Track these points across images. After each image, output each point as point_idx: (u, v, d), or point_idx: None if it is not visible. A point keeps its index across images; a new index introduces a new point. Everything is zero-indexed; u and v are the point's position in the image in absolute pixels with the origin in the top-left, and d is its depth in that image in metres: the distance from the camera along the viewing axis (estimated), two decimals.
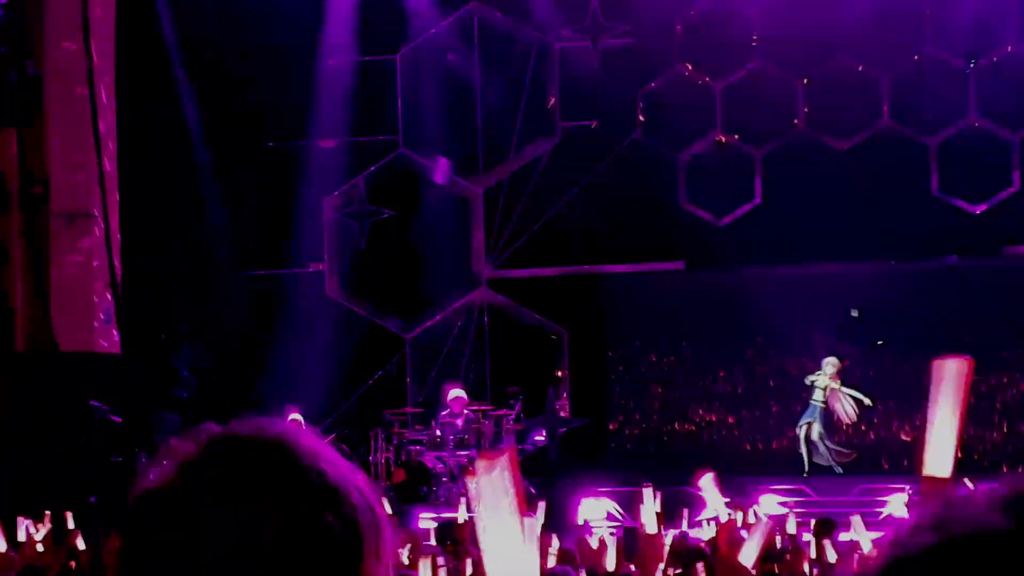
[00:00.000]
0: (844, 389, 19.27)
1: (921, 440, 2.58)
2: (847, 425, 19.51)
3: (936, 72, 19.70)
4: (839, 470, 19.17)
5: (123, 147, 18.89)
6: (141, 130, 19.43)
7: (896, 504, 16.72)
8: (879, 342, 19.77)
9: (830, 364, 19.22)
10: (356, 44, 20.79)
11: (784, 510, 15.27)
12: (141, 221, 19.35)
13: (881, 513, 16.52)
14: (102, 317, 18.09)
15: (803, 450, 19.33)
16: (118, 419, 16.41)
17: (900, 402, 19.67)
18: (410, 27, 20.86)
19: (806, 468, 19.21)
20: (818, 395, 19.26)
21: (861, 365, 19.65)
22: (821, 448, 19.26)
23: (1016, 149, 19.48)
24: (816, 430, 19.23)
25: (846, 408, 19.31)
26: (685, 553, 9.67)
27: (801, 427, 19.34)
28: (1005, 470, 19.22)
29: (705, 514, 14.04)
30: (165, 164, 20.24)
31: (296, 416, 18.56)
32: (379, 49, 20.81)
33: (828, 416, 19.31)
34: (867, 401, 19.26)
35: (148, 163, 19.67)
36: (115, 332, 18.13)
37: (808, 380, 19.34)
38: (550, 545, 9.78)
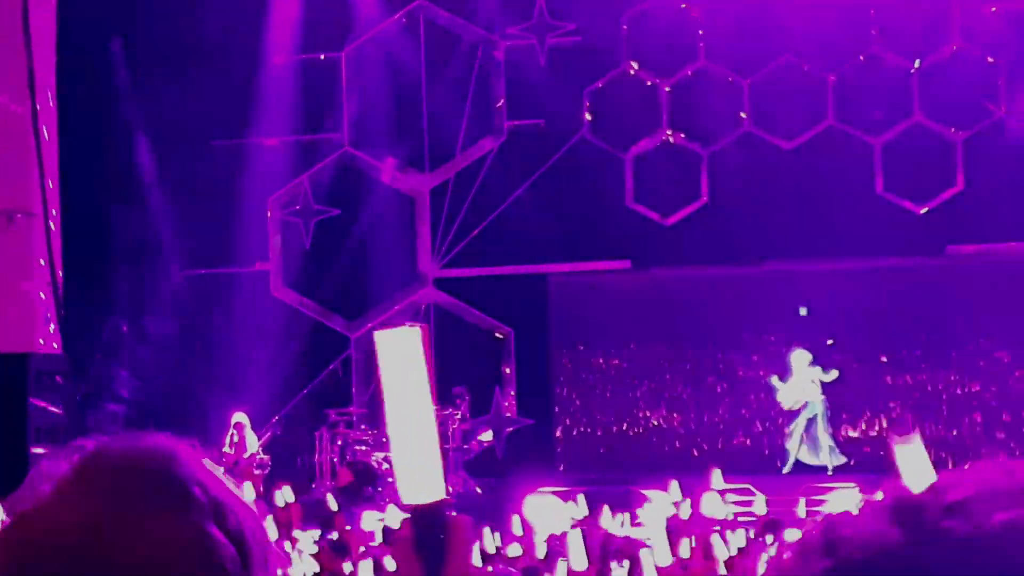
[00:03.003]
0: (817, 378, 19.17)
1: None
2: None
3: (881, 72, 19.78)
4: (831, 471, 19.03)
5: (65, 145, 18.69)
6: (83, 128, 19.22)
7: (839, 502, 16.75)
8: (828, 341, 19.82)
9: (803, 357, 19.09)
10: (301, 42, 20.66)
11: (727, 510, 15.26)
12: (83, 220, 19.15)
13: (824, 511, 16.56)
14: (43, 316, 17.88)
15: (794, 448, 19.13)
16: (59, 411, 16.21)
17: (848, 401, 19.74)
18: (355, 25, 20.76)
19: (789, 466, 19.10)
20: (815, 389, 19.08)
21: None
22: (825, 443, 19.04)
23: (960, 149, 19.59)
24: (823, 425, 19.06)
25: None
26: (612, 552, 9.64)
27: (797, 424, 19.12)
28: (951, 466, 19.30)
29: (643, 513, 14.02)
30: (108, 162, 20.04)
31: (241, 417, 18.44)
32: (324, 47, 20.70)
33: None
34: (834, 373, 19.19)
35: (90, 161, 19.46)
36: (55, 331, 17.92)
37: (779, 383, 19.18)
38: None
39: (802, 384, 19.16)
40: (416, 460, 2.10)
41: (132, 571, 1.31)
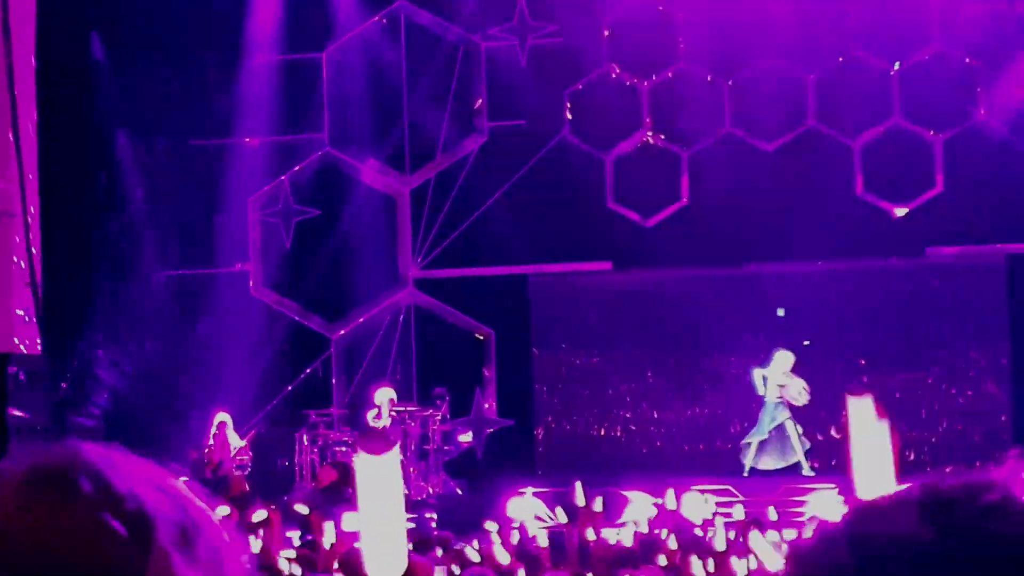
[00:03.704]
0: (793, 378, 19.05)
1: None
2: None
3: (861, 74, 19.83)
4: (806, 470, 18.95)
5: (44, 145, 18.62)
6: (63, 128, 19.16)
7: (819, 504, 16.78)
8: (805, 342, 19.86)
9: (785, 358, 19.00)
10: (281, 42, 20.62)
11: (708, 511, 15.29)
12: (62, 220, 19.09)
13: (804, 512, 16.58)
14: (22, 317, 17.82)
15: (752, 452, 18.98)
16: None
17: (826, 402, 19.78)
18: (336, 25, 20.73)
19: (747, 470, 19.04)
20: (773, 392, 18.93)
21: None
22: (797, 444, 18.88)
23: (940, 151, 19.65)
24: (793, 427, 18.90)
25: (800, 393, 19.04)
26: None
27: (759, 432, 18.98)
28: (930, 469, 19.38)
29: (626, 515, 14.04)
30: (87, 162, 19.98)
31: (224, 417, 18.41)
32: (305, 47, 20.67)
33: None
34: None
35: (70, 162, 19.40)
36: (36, 332, 17.86)
37: (759, 374, 19.03)
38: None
39: (774, 385, 19.02)
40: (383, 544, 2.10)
41: (26, 566, 1.34)
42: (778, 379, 18.91)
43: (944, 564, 1.03)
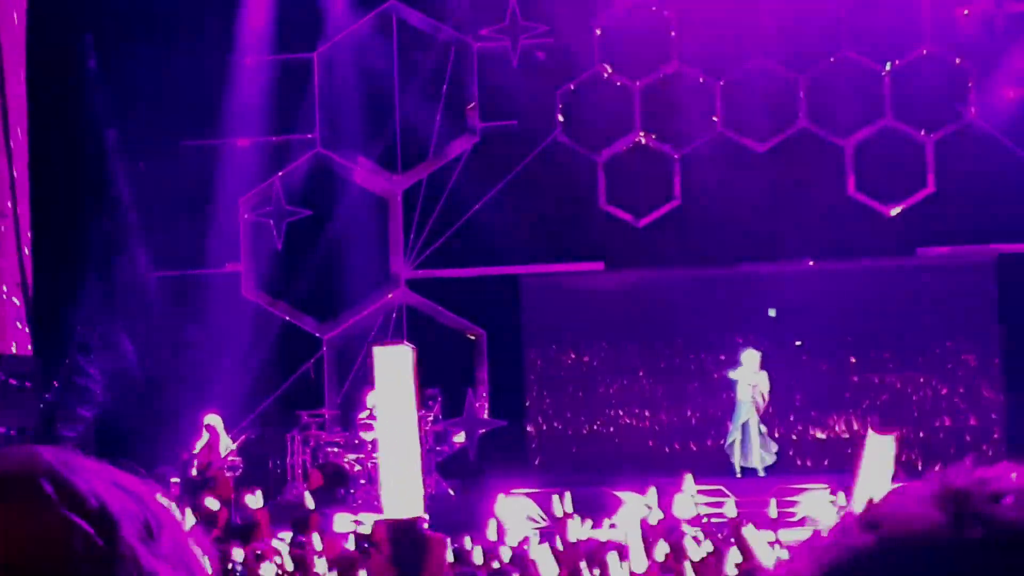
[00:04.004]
0: (763, 378, 19.06)
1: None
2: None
3: (852, 74, 19.85)
4: (762, 473, 18.99)
5: (35, 147, 18.61)
6: (54, 130, 19.14)
7: (811, 503, 16.80)
8: (797, 342, 19.88)
9: (752, 357, 19.03)
10: (273, 42, 20.61)
11: (698, 510, 15.30)
12: (54, 221, 19.07)
13: (796, 512, 16.61)
14: (13, 318, 17.79)
15: (737, 453, 19.00)
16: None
17: (817, 401, 19.82)
18: (327, 26, 20.72)
19: (738, 470, 19.06)
20: (745, 391, 18.96)
21: (779, 365, 19.73)
22: (756, 444, 18.89)
23: (931, 151, 19.67)
24: (757, 426, 18.92)
25: (763, 395, 19.07)
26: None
27: (735, 430, 19.00)
28: (920, 468, 19.41)
29: (617, 516, 14.04)
30: (78, 163, 19.96)
31: (214, 419, 18.39)
32: (296, 47, 20.66)
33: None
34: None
35: (60, 163, 19.38)
36: (26, 333, 17.84)
37: (732, 375, 19.10)
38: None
39: (742, 384, 18.95)
40: (399, 476, 2.11)
41: None
42: (749, 379, 18.91)
43: (960, 545, 1.07)
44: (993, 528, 1.07)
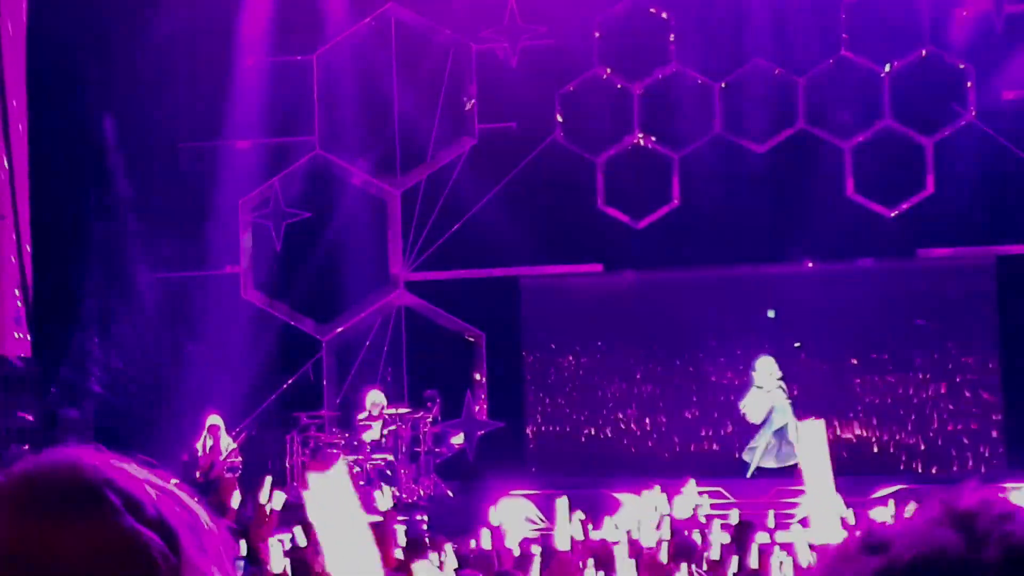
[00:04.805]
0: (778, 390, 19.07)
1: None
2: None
3: (851, 76, 19.85)
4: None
5: (34, 147, 18.59)
6: (52, 131, 19.12)
7: (809, 505, 16.77)
8: (796, 344, 19.88)
9: (768, 363, 19.02)
10: (272, 44, 20.61)
11: (700, 514, 15.28)
12: (53, 223, 19.05)
13: (795, 515, 16.60)
14: (12, 318, 17.78)
15: (759, 454, 18.98)
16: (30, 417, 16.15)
17: (817, 403, 19.78)
18: (326, 27, 20.72)
19: (752, 471, 19.04)
20: (779, 397, 18.93)
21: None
22: (785, 449, 18.88)
23: (930, 152, 19.67)
24: (794, 433, 18.89)
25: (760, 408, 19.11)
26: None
27: (763, 436, 18.98)
28: (920, 471, 19.42)
29: (617, 517, 14.03)
30: (77, 165, 19.95)
31: (216, 420, 18.38)
32: (295, 49, 20.65)
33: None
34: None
35: (59, 164, 19.37)
36: (26, 334, 17.82)
37: (747, 405, 19.07)
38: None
39: (768, 392, 19.03)
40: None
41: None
42: (773, 384, 18.94)
43: (971, 565, 1.06)
44: (1010, 548, 1.07)
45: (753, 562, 9.70)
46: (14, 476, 1.42)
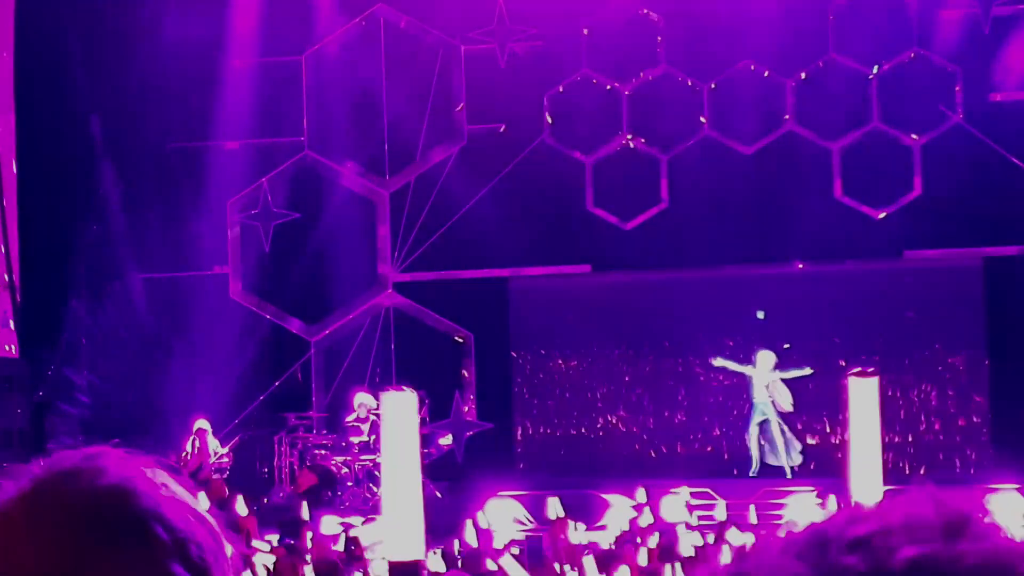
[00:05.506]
0: (781, 378, 19.11)
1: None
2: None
3: (839, 78, 19.88)
4: (788, 474, 18.98)
5: (22, 149, 18.56)
6: (40, 133, 19.10)
7: (797, 507, 16.81)
8: (785, 345, 19.89)
9: (767, 358, 19.07)
10: (261, 45, 20.59)
11: (687, 513, 15.30)
12: (41, 224, 19.02)
13: (783, 516, 16.62)
14: (1, 321, 17.76)
15: (754, 451, 19.08)
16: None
17: (806, 404, 19.81)
18: (315, 29, 20.71)
19: (755, 469, 19.07)
20: (761, 392, 19.02)
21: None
22: (780, 444, 18.95)
23: (918, 154, 19.70)
24: (777, 425, 18.98)
25: (785, 399, 19.13)
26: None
27: (753, 428, 19.07)
28: (908, 472, 19.45)
29: (607, 518, 14.05)
30: (65, 166, 19.92)
31: (203, 424, 18.38)
32: (284, 50, 20.64)
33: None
34: (807, 371, 19.17)
35: (47, 166, 19.34)
36: (13, 335, 17.80)
37: (717, 362, 19.16)
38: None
39: (760, 384, 19.11)
40: (401, 519, 2.11)
41: None
42: (764, 379, 18.99)
43: None
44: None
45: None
46: (55, 495, 1.34)
